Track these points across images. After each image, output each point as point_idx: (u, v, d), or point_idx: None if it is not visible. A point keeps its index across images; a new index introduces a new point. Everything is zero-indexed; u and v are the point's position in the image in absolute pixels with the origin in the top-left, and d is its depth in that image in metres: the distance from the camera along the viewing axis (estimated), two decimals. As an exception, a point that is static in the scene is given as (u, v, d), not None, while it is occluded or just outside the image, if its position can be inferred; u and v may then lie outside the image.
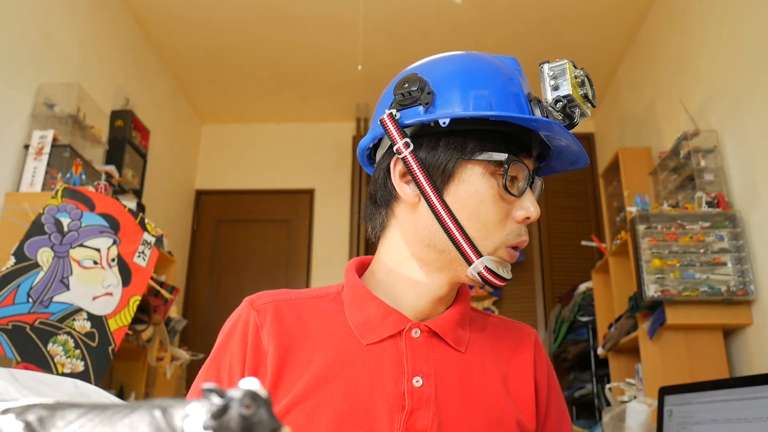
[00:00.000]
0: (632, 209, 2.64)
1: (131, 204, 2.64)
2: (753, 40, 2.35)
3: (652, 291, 2.39)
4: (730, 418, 1.35)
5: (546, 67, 0.72)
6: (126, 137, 3.14)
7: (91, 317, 2.03)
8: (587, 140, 4.35)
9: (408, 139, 0.71)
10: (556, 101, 0.70)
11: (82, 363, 1.98)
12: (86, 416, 0.28)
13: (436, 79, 0.73)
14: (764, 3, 2.28)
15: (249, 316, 0.74)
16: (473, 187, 0.70)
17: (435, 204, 0.70)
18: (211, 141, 4.56)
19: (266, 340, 0.71)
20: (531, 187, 0.72)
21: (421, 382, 0.70)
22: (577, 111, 0.71)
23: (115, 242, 2.16)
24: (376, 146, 0.81)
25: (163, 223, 3.58)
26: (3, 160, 2.41)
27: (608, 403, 2.71)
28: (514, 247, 0.72)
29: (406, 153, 0.70)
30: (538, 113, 0.72)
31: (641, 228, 2.52)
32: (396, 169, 0.73)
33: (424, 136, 0.72)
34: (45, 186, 2.41)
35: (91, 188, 2.29)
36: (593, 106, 0.72)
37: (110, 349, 2.05)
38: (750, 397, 1.32)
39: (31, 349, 1.90)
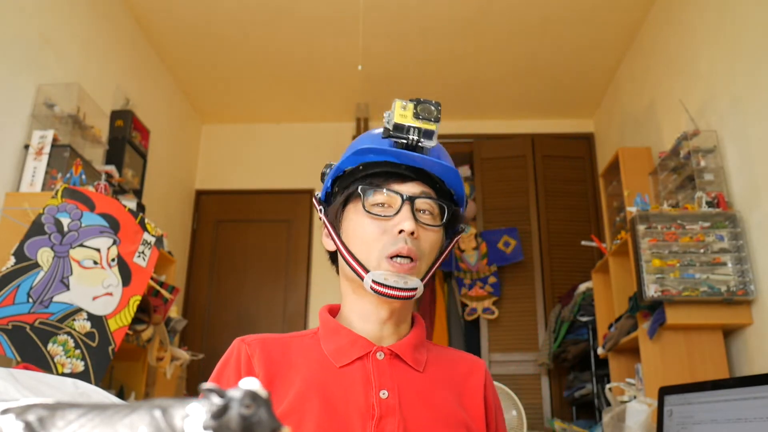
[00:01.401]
0: (632, 209, 2.64)
1: (131, 204, 2.64)
2: (753, 39, 2.35)
3: (652, 291, 2.39)
4: (730, 418, 1.35)
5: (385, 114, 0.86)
6: (126, 137, 3.14)
7: (91, 317, 2.03)
8: (587, 140, 4.35)
9: (321, 207, 0.94)
10: (387, 132, 0.85)
11: (82, 363, 1.98)
12: (86, 416, 0.28)
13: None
14: (764, 3, 2.28)
15: (241, 349, 0.86)
16: (351, 219, 0.88)
17: (334, 240, 0.90)
18: (211, 141, 4.56)
19: (257, 367, 0.84)
20: (413, 206, 0.85)
21: (387, 394, 0.83)
22: (413, 131, 0.84)
23: (115, 242, 2.16)
24: None
25: (163, 223, 3.58)
26: (3, 160, 2.41)
27: (608, 403, 2.71)
28: (396, 258, 0.84)
29: (321, 215, 0.93)
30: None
31: (641, 228, 2.52)
32: (324, 232, 0.94)
33: (325, 202, 0.95)
34: (45, 186, 2.41)
35: (91, 188, 2.29)
36: (436, 120, 0.84)
37: (110, 349, 2.05)
38: (750, 397, 1.32)
39: (31, 349, 1.90)
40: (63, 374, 1.92)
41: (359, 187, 0.86)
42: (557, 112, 4.36)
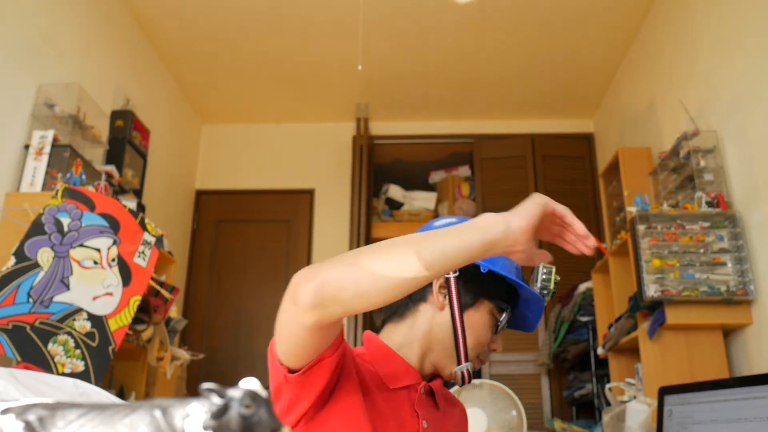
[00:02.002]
0: (632, 209, 2.64)
1: (131, 204, 2.64)
2: (753, 39, 2.35)
3: (652, 291, 2.39)
4: (730, 417, 1.35)
5: (542, 265, 1.07)
6: (126, 137, 3.14)
7: (92, 317, 2.03)
8: (587, 140, 4.35)
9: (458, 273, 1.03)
10: (543, 288, 1.06)
11: (83, 363, 1.98)
12: (86, 416, 0.28)
13: None
14: (764, 4, 2.28)
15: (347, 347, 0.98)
16: (482, 318, 1.04)
17: (456, 317, 1.02)
18: (211, 141, 4.56)
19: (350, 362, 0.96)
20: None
21: (426, 425, 0.99)
22: (547, 296, 1.06)
23: (115, 242, 2.16)
24: None
25: (163, 223, 3.58)
26: (3, 160, 2.41)
27: (608, 403, 2.71)
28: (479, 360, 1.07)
29: (451, 276, 1.03)
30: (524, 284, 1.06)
31: (641, 228, 2.52)
32: (438, 282, 1.04)
33: (464, 270, 1.04)
34: (45, 186, 2.41)
35: (91, 188, 2.29)
36: (551, 297, 1.08)
37: (110, 349, 2.05)
38: (749, 397, 1.32)
39: (31, 349, 1.91)
40: (63, 374, 1.93)
41: (508, 307, 1.06)
42: (557, 112, 4.36)
